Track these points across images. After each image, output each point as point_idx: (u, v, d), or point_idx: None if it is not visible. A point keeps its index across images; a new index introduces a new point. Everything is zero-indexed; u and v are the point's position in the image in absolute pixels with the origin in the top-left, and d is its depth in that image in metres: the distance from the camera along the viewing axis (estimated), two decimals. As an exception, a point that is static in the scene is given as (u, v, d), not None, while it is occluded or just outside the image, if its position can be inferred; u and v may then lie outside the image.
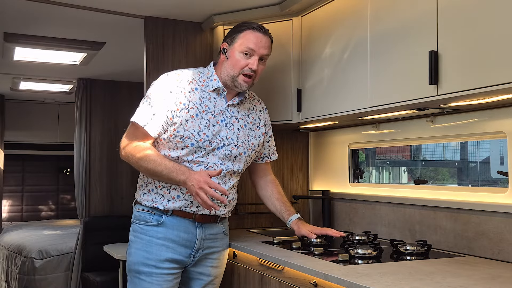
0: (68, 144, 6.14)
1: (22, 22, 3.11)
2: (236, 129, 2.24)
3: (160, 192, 2.19)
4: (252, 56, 2.17)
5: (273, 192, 2.45)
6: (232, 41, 2.20)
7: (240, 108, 2.30)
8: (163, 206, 2.17)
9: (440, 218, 2.29)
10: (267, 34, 2.22)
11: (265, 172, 2.50)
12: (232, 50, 2.19)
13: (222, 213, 2.26)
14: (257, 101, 2.43)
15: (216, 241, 2.29)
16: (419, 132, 2.46)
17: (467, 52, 1.75)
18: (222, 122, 2.21)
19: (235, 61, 2.17)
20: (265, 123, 2.41)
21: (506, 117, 2.03)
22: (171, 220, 2.17)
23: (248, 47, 2.16)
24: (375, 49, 2.19)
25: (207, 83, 2.23)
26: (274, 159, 2.49)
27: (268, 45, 2.21)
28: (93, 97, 4.85)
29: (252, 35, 2.17)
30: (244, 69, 2.17)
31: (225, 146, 2.19)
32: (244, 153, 2.25)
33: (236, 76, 2.18)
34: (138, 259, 2.18)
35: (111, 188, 4.84)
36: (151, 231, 2.18)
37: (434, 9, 1.88)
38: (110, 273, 4.34)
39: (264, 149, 2.45)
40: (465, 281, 1.64)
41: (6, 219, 6.53)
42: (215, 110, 2.20)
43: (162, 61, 2.99)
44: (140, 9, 2.90)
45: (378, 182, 3.34)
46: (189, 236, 2.19)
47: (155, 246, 2.16)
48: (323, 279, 1.78)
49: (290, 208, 2.42)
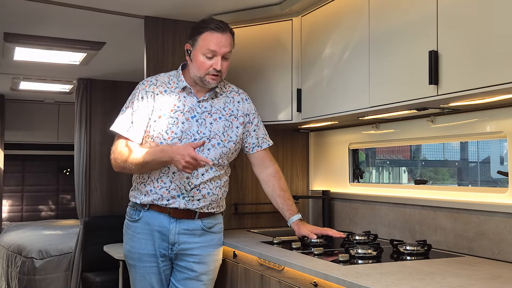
0: (68, 144, 6.14)
1: (22, 22, 3.11)
2: (209, 123, 2.32)
3: (139, 187, 2.34)
4: (215, 56, 2.24)
5: (275, 188, 2.45)
6: (193, 43, 2.27)
7: (214, 102, 2.36)
8: (140, 200, 2.32)
9: (440, 218, 2.29)
10: (226, 31, 2.26)
11: (263, 163, 2.48)
12: (195, 53, 2.27)
13: (196, 207, 2.28)
14: (235, 92, 2.45)
15: (193, 237, 2.32)
16: (419, 132, 2.46)
17: (467, 52, 1.75)
18: (192, 119, 2.30)
19: (199, 63, 2.25)
20: (245, 113, 2.43)
21: (506, 117, 2.03)
22: (148, 215, 2.31)
23: (209, 49, 2.23)
24: (375, 49, 2.19)
25: (176, 84, 2.34)
26: (265, 147, 2.47)
27: (229, 43, 2.26)
28: (93, 97, 4.85)
29: (212, 36, 2.22)
30: (209, 70, 2.25)
31: (196, 140, 2.28)
32: (218, 144, 2.31)
33: (203, 77, 2.27)
34: (125, 253, 2.39)
35: (111, 188, 4.83)
36: (133, 227, 2.35)
37: (434, 9, 1.88)
38: (110, 273, 4.33)
39: (252, 138, 2.44)
40: (465, 281, 1.64)
41: (6, 219, 6.53)
42: (184, 108, 2.30)
43: (162, 61, 2.99)
44: (140, 9, 2.90)
45: (378, 182, 3.34)
46: (164, 230, 2.29)
47: (137, 240, 2.33)
48: (323, 279, 1.78)
49: (292, 207, 2.42)
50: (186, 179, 2.25)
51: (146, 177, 2.30)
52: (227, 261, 2.50)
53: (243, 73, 2.87)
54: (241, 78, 2.87)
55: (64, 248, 4.77)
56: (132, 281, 2.38)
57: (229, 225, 2.90)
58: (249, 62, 2.87)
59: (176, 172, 2.24)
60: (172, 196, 2.26)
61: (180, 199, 2.26)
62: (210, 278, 2.38)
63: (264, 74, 2.83)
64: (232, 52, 2.31)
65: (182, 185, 2.25)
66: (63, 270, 4.70)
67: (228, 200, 2.84)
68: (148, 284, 2.32)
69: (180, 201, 2.26)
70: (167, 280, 2.36)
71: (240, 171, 3.03)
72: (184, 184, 2.25)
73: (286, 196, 2.44)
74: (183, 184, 2.25)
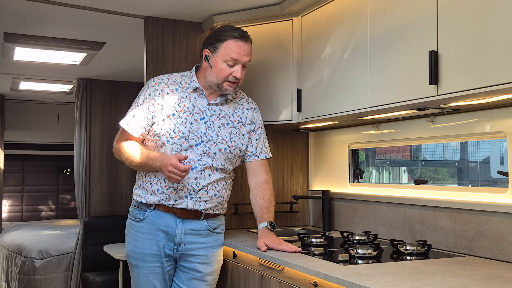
0: (68, 144, 6.15)
1: (22, 22, 3.11)
2: (217, 127, 2.33)
3: (144, 186, 2.33)
4: (236, 65, 2.26)
5: (257, 196, 2.41)
6: (214, 49, 2.26)
7: (224, 107, 2.37)
8: (146, 200, 2.31)
9: (440, 218, 2.29)
10: (248, 40, 2.28)
11: (256, 173, 2.44)
12: (215, 59, 2.26)
13: (203, 208, 2.30)
14: (244, 100, 2.47)
15: (199, 237, 2.33)
16: (419, 132, 2.46)
17: (467, 52, 1.75)
18: (201, 120, 2.31)
19: (220, 70, 2.25)
20: (252, 121, 2.44)
21: (506, 117, 2.03)
22: (153, 214, 2.30)
23: (232, 58, 2.24)
24: (375, 49, 2.19)
25: (189, 84, 2.35)
26: (262, 158, 2.44)
27: (250, 51, 2.29)
28: (93, 97, 4.85)
29: (235, 45, 2.23)
30: (229, 77, 2.26)
31: (203, 142, 2.28)
32: (224, 149, 2.32)
33: (221, 83, 2.28)
34: (128, 252, 2.37)
35: (111, 188, 4.83)
36: (137, 226, 2.33)
37: (434, 9, 1.88)
38: (110, 273, 4.34)
39: (251, 147, 2.43)
40: (465, 281, 1.64)
41: (6, 219, 6.53)
42: (194, 109, 2.31)
43: (162, 61, 2.99)
44: (140, 9, 2.90)
45: (378, 182, 3.34)
46: (170, 230, 2.29)
47: (141, 240, 2.31)
48: (323, 279, 1.78)
49: (264, 215, 2.36)
50: (194, 180, 2.26)
51: (153, 176, 2.30)
52: (227, 261, 2.51)
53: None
54: (241, 78, 2.87)
55: (64, 248, 4.77)
56: (134, 281, 2.37)
57: (229, 225, 2.90)
58: (249, 62, 2.86)
59: None
60: (180, 197, 2.27)
61: (188, 200, 2.27)
62: (213, 279, 2.39)
63: (264, 74, 2.83)
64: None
65: (190, 185, 2.26)
66: (63, 270, 4.70)
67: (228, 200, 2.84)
68: (151, 284, 2.31)
69: (188, 201, 2.27)
70: (170, 281, 2.36)
71: (240, 172, 3.02)
72: (192, 184, 2.26)
73: (264, 205, 2.38)
74: (191, 184, 2.26)
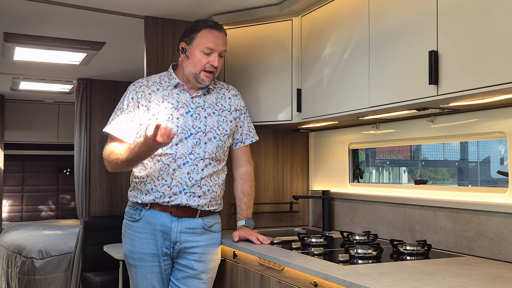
0: (68, 144, 6.14)
1: (22, 22, 3.11)
2: (203, 118, 2.38)
3: (138, 187, 2.36)
4: (212, 53, 2.31)
5: (237, 189, 2.54)
6: (190, 40, 2.33)
7: (207, 98, 2.42)
8: (141, 200, 2.33)
9: (440, 218, 2.29)
10: (222, 31, 2.36)
11: (239, 162, 2.54)
12: (191, 49, 2.33)
13: (197, 204, 2.31)
14: (225, 89, 2.51)
15: (195, 235, 2.35)
16: (419, 132, 2.46)
17: (467, 52, 1.75)
18: (187, 114, 2.35)
19: (197, 59, 2.32)
20: (236, 108, 2.49)
21: (506, 117, 2.03)
22: (149, 214, 2.33)
23: (208, 47, 2.30)
24: (375, 49, 2.19)
25: (169, 82, 2.41)
26: (248, 143, 2.54)
27: (225, 41, 2.36)
28: (93, 97, 4.85)
29: (210, 34, 2.31)
30: (206, 66, 2.32)
31: (193, 135, 2.33)
32: (214, 137, 2.37)
33: (198, 73, 2.33)
34: (126, 253, 2.40)
35: (111, 188, 4.83)
36: (133, 226, 2.36)
37: (434, 9, 1.88)
38: (110, 273, 4.33)
39: (237, 134, 2.51)
40: (465, 281, 1.64)
41: (6, 219, 6.53)
42: (178, 104, 2.36)
43: (162, 61, 2.99)
44: (140, 9, 2.90)
45: (378, 182, 3.34)
46: (165, 228, 2.31)
47: (138, 240, 2.34)
48: (323, 279, 1.78)
49: (242, 212, 2.51)
50: (187, 174, 2.29)
51: (145, 176, 2.32)
52: (227, 261, 2.51)
53: (243, 73, 2.87)
54: (241, 78, 2.87)
55: (64, 248, 4.77)
56: (132, 281, 2.39)
57: (229, 225, 2.90)
58: (249, 62, 2.87)
59: (176, 169, 2.28)
60: (174, 193, 2.29)
61: (182, 195, 2.29)
62: (209, 277, 2.39)
63: (264, 74, 2.83)
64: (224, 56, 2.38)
65: (183, 180, 2.29)
66: (63, 270, 4.70)
67: (228, 200, 2.84)
68: (150, 284, 2.33)
69: (182, 197, 2.29)
70: (168, 280, 2.38)
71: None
72: (185, 179, 2.29)
73: (244, 200, 2.51)
74: (184, 179, 2.29)
